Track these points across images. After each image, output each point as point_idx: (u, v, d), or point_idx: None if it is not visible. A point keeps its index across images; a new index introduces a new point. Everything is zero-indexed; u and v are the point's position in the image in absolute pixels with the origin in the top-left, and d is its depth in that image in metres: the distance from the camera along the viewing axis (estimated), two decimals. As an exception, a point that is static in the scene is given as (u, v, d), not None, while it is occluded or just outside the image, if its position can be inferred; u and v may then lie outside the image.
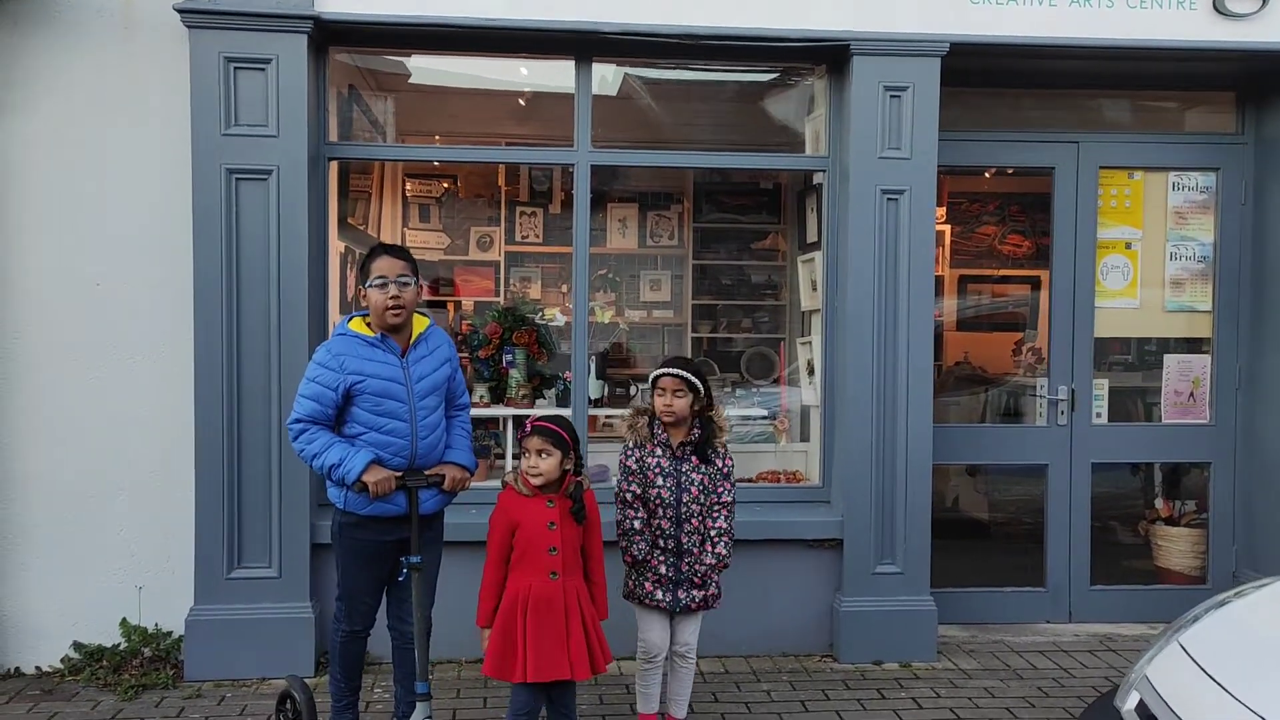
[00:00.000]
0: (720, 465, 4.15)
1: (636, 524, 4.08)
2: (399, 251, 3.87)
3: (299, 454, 3.77)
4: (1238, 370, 5.95)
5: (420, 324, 3.92)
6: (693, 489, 4.08)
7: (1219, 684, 2.59)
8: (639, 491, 4.11)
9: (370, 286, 3.76)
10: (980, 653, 5.45)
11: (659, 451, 4.13)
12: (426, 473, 3.83)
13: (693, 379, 4.09)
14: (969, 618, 5.82)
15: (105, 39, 4.98)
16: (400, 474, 3.75)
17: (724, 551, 4.12)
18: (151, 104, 5.01)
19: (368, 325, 3.83)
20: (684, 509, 4.07)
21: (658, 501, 4.08)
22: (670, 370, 4.10)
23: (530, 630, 3.68)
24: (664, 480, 4.08)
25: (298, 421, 3.74)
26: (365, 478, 3.65)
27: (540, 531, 3.73)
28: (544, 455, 3.73)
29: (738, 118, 6.46)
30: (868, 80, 5.22)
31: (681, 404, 4.09)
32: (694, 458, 4.11)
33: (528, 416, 5.94)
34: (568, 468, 3.78)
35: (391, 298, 3.72)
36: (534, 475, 3.74)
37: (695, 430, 4.14)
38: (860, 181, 5.25)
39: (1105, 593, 5.94)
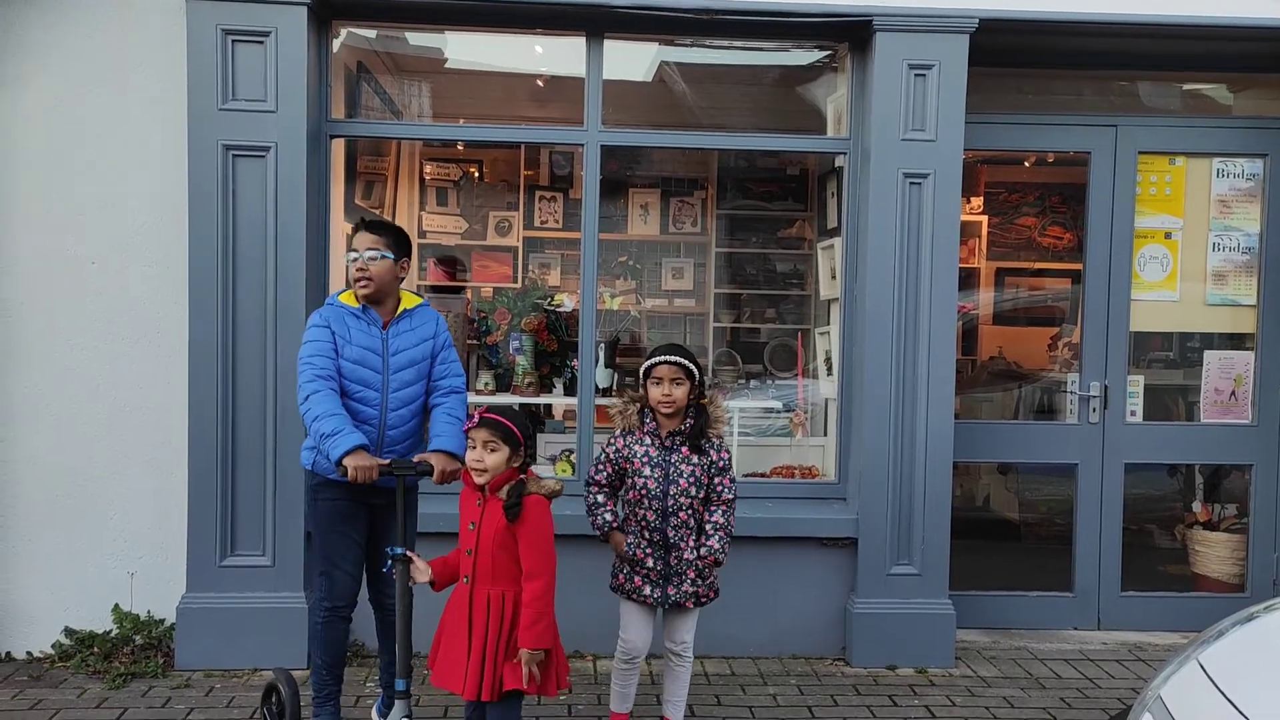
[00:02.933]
0: (716, 458, 3.92)
1: (599, 497, 3.96)
2: (377, 227, 3.96)
3: (302, 410, 3.73)
4: (1283, 368, 5.64)
5: (410, 301, 4.01)
6: (681, 480, 3.86)
7: (1237, 709, 2.35)
8: (605, 480, 3.96)
9: (347, 258, 3.96)
10: (1001, 659, 5.21)
11: (647, 440, 3.92)
12: (415, 460, 3.76)
13: (691, 366, 3.88)
14: (991, 622, 5.57)
15: (101, 10, 4.86)
16: (388, 462, 3.67)
17: (718, 546, 3.87)
18: (148, 78, 4.88)
19: (357, 298, 3.92)
20: (671, 501, 3.85)
21: (643, 492, 3.87)
22: (669, 358, 3.88)
23: (442, 632, 3.49)
24: (651, 470, 3.87)
25: (312, 379, 3.71)
26: (347, 461, 3.57)
27: (463, 529, 3.48)
28: (491, 449, 3.39)
29: (762, 101, 6.25)
30: (891, 58, 4.98)
31: (680, 393, 3.88)
32: (684, 448, 3.90)
33: (533, 406, 5.85)
34: (515, 464, 3.46)
35: (359, 269, 3.85)
36: (478, 472, 3.42)
37: (689, 419, 3.93)
38: (881, 164, 5.02)
39: (1137, 599, 5.66)
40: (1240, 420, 5.70)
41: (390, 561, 3.59)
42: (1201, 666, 2.63)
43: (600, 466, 3.98)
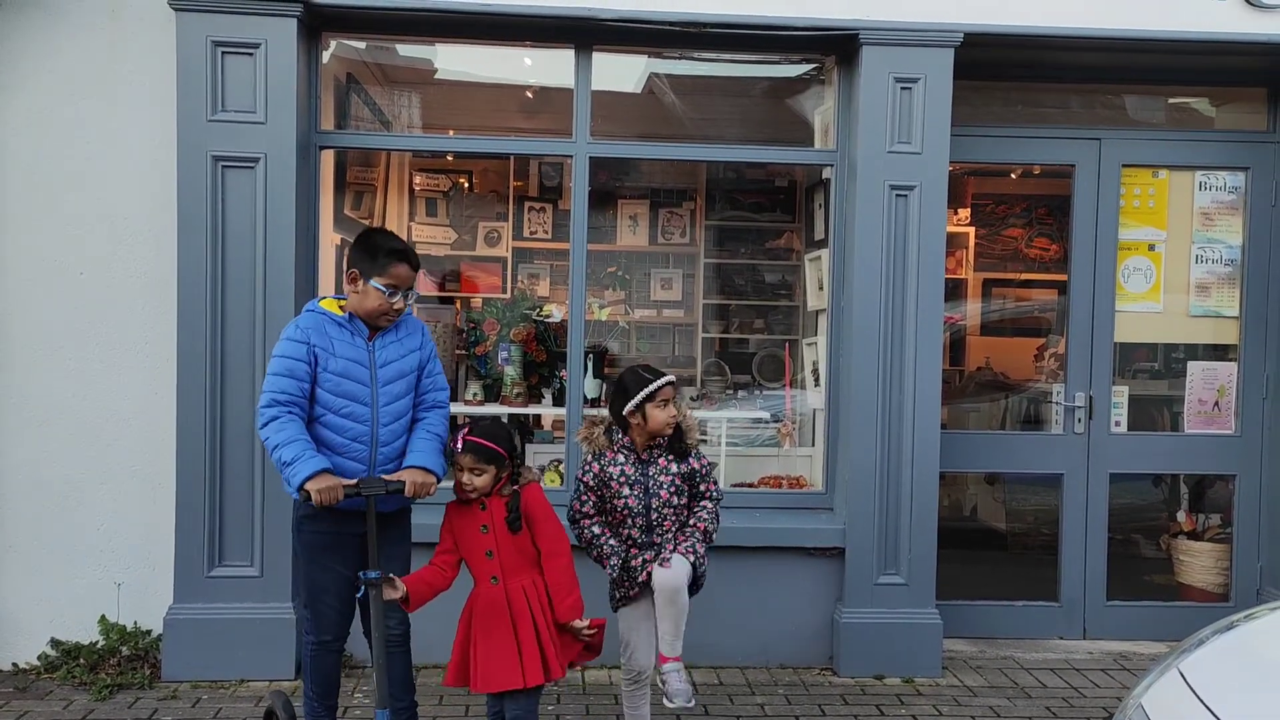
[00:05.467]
0: (697, 465, 3.90)
1: (595, 529, 3.83)
2: (418, 263, 3.77)
3: (263, 441, 3.55)
4: (1265, 379, 5.68)
5: None
6: (663, 492, 3.81)
7: (1216, 717, 2.38)
8: (592, 509, 3.84)
9: (377, 285, 3.61)
10: (987, 669, 5.23)
11: (621, 458, 3.84)
12: (385, 478, 3.59)
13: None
14: (978, 632, 5.59)
15: (92, 21, 4.87)
16: (355, 482, 3.51)
17: (706, 517, 3.85)
18: (138, 89, 4.89)
19: (340, 306, 3.72)
20: (655, 514, 3.81)
21: (625, 512, 3.81)
22: (670, 379, 3.83)
23: (478, 638, 3.55)
24: (630, 489, 3.80)
25: (271, 404, 3.53)
26: (309, 485, 3.41)
27: (474, 536, 3.58)
28: (476, 474, 3.52)
29: (751, 113, 6.30)
30: (877, 71, 5.02)
31: (682, 408, 3.93)
32: (662, 459, 3.85)
33: (522, 416, 5.87)
34: (504, 473, 3.57)
35: (395, 309, 3.67)
36: (470, 491, 3.56)
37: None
38: (868, 177, 5.06)
39: (1122, 608, 5.69)
40: (1224, 431, 5.74)
41: (364, 587, 3.48)
42: (1182, 675, 2.66)
43: (584, 498, 3.85)
